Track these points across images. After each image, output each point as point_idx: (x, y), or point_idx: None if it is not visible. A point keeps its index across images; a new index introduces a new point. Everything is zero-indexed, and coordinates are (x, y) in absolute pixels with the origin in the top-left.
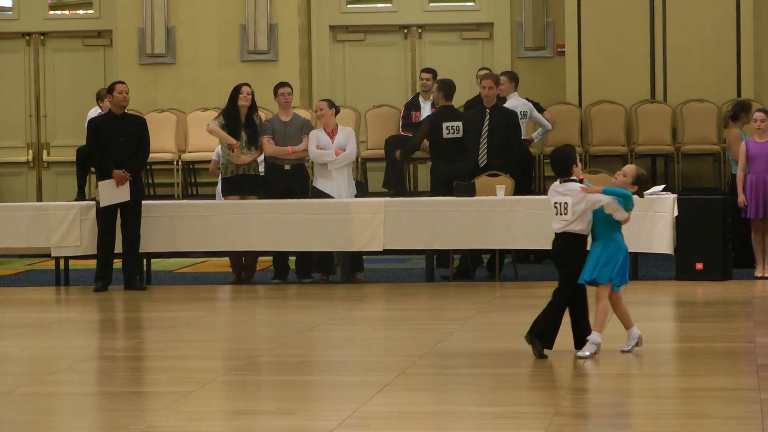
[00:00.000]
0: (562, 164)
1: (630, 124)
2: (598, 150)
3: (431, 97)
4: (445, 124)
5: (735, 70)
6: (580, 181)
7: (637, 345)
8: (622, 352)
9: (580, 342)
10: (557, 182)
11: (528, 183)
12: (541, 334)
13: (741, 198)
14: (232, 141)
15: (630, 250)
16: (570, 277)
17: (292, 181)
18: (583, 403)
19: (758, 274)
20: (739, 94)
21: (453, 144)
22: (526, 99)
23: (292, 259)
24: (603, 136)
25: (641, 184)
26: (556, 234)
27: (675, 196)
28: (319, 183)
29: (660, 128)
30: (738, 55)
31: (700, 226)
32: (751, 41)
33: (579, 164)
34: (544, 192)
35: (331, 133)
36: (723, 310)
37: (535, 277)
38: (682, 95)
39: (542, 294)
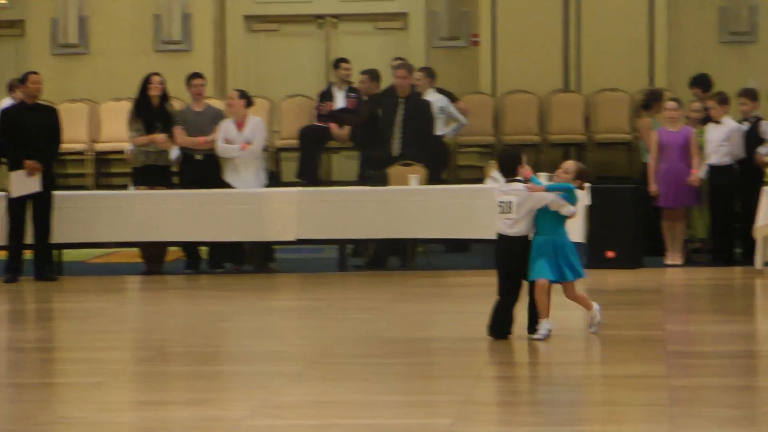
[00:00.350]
0: (508, 165)
1: (543, 114)
2: (512, 139)
3: (345, 88)
4: (380, 111)
5: (648, 60)
6: (526, 180)
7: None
8: (592, 332)
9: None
10: (503, 182)
11: (440, 172)
12: (504, 332)
13: (652, 187)
14: (156, 138)
15: None
16: (517, 277)
17: (204, 170)
18: (495, 391)
19: (669, 262)
20: (651, 83)
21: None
22: (440, 89)
23: (204, 249)
24: (516, 126)
25: (582, 178)
26: (501, 235)
27: (587, 184)
28: (228, 176)
29: (573, 117)
30: (651, 45)
31: (612, 215)
32: (665, 31)
33: (525, 164)
34: (458, 182)
35: (240, 125)
36: (634, 298)
37: (448, 266)
38: (595, 85)
39: (455, 283)
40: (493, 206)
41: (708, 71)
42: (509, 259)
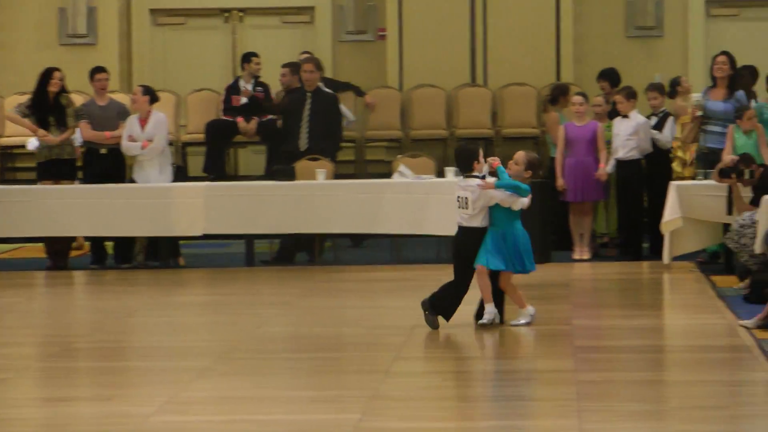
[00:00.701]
0: (464, 161)
1: (450, 108)
2: (419, 134)
3: (252, 81)
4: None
5: (554, 54)
6: (483, 177)
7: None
8: (512, 325)
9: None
10: (461, 177)
11: None
12: (442, 308)
13: (559, 182)
14: (34, 128)
15: (449, 234)
16: (471, 264)
17: (109, 164)
18: (402, 387)
19: (576, 256)
20: (558, 78)
21: None
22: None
23: (110, 244)
24: (424, 120)
25: (534, 168)
26: (460, 226)
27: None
28: (134, 172)
29: (480, 112)
30: (557, 39)
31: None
32: (571, 25)
33: (482, 161)
34: (366, 176)
35: (144, 121)
36: (542, 292)
37: (355, 261)
38: (502, 79)
39: (362, 278)
40: (399, 200)
41: (615, 65)
42: (466, 249)
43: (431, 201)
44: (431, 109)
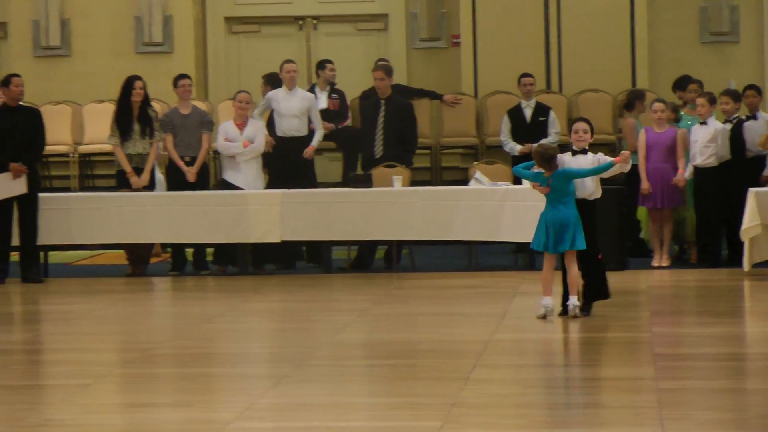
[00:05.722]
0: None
1: None
2: (494, 140)
3: (327, 88)
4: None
5: (629, 60)
6: None
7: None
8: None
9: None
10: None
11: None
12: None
13: (645, 185)
14: (128, 168)
15: (524, 241)
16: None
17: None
18: (481, 394)
19: (656, 264)
20: (633, 83)
21: None
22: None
23: (190, 251)
24: (499, 127)
25: (542, 162)
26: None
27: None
28: (228, 175)
29: (556, 118)
30: (632, 44)
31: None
32: (645, 31)
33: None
34: (442, 183)
35: (241, 125)
36: (620, 300)
37: (431, 267)
38: (577, 85)
39: (439, 285)
40: (474, 207)
41: (689, 72)
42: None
43: (507, 208)
44: None
